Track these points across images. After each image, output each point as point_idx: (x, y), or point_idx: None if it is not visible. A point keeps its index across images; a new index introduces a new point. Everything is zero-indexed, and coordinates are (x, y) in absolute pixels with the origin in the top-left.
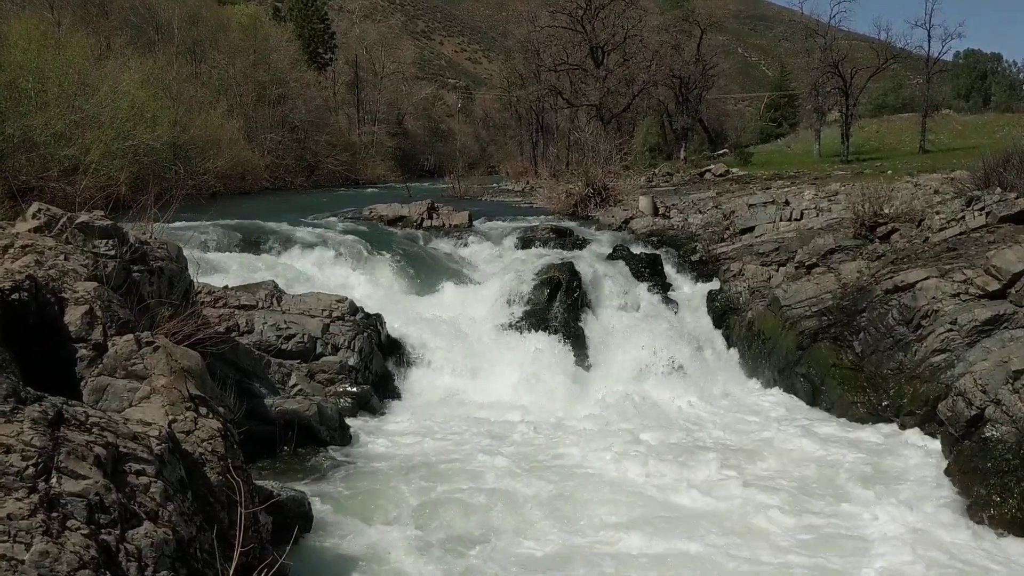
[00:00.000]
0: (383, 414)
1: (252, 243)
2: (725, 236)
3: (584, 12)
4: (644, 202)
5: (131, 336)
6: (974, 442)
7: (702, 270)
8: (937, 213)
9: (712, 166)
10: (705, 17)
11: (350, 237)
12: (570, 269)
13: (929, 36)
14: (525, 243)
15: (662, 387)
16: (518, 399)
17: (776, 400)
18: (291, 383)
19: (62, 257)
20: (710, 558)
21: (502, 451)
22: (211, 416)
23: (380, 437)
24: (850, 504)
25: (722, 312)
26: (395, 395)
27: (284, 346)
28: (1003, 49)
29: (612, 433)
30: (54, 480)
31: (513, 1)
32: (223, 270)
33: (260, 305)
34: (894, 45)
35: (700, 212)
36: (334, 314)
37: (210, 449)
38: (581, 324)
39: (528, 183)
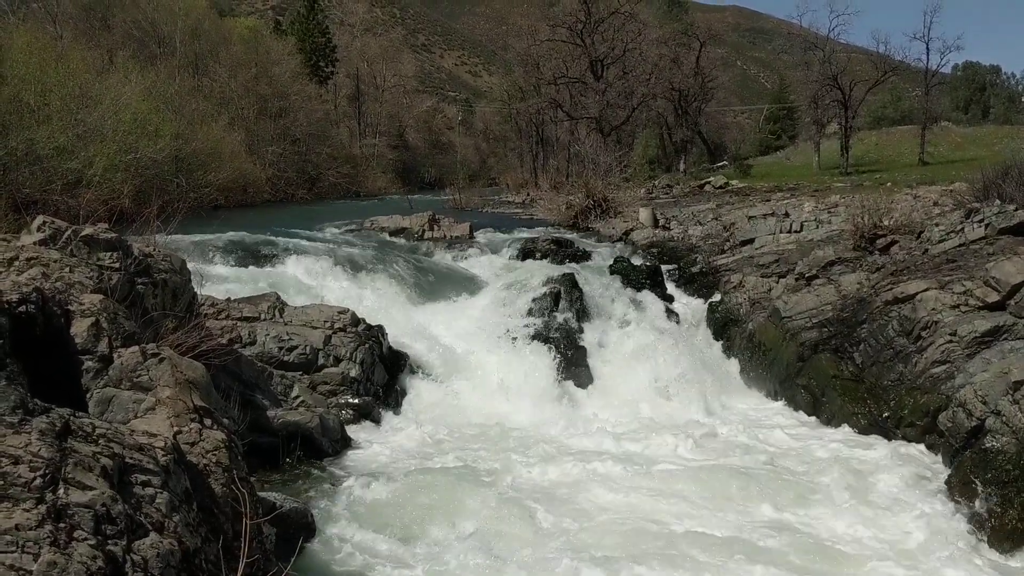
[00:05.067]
0: (385, 425)
1: (254, 255)
2: (725, 248)
3: (583, 26)
4: (644, 214)
5: (136, 348)
6: (974, 453)
7: (703, 282)
8: (936, 225)
9: (712, 178)
10: (704, 30)
11: (352, 249)
12: (571, 280)
13: (928, 49)
14: (526, 254)
15: (663, 399)
16: (519, 410)
17: (776, 411)
18: (293, 395)
19: (67, 270)
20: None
21: (503, 463)
22: (215, 427)
23: (382, 448)
24: (850, 515)
25: (723, 324)
26: (397, 406)
27: (286, 358)
28: (1002, 61)
29: (612, 445)
30: (61, 491)
31: (513, 15)
32: (226, 282)
33: (262, 317)
34: (892, 58)
35: (700, 224)
36: (336, 326)
37: (215, 460)
38: (582, 335)
39: (529, 195)
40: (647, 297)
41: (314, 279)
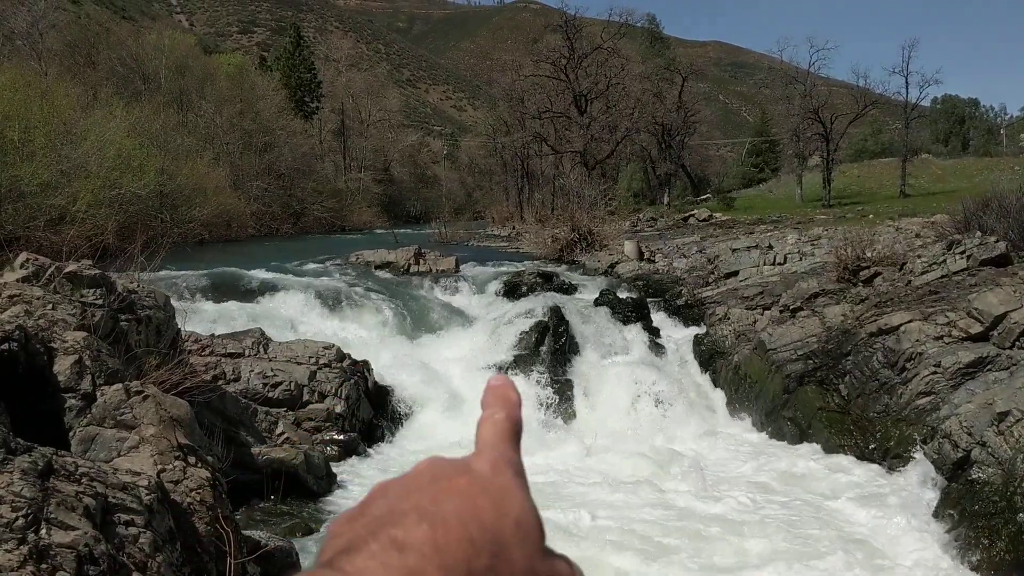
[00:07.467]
0: (371, 462)
1: (238, 290)
2: (710, 280)
3: (567, 61)
4: (629, 247)
5: (120, 386)
6: (961, 484)
7: (688, 314)
8: (919, 257)
9: (695, 211)
10: (686, 65)
11: (337, 283)
12: (557, 314)
13: (907, 82)
14: (512, 288)
15: (650, 432)
16: None
17: (760, 442)
18: (278, 431)
19: (50, 307)
20: None
21: None
22: (200, 465)
23: (367, 485)
24: (840, 549)
25: (708, 356)
26: (383, 442)
27: (271, 394)
28: (979, 94)
29: (601, 477)
30: (44, 531)
31: (497, 50)
32: (210, 318)
33: (247, 353)
34: (873, 91)
35: (685, 256)
36: (320, 361)
37: (199, 499)
38: (569, 368)
39: (514, 228)
40: (633, 330)
41: (299, 314)
